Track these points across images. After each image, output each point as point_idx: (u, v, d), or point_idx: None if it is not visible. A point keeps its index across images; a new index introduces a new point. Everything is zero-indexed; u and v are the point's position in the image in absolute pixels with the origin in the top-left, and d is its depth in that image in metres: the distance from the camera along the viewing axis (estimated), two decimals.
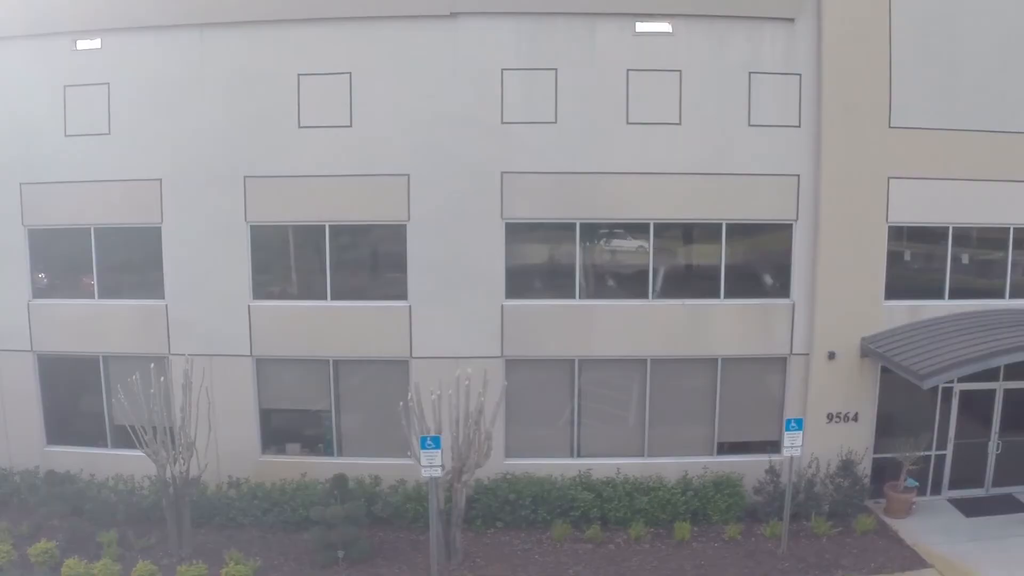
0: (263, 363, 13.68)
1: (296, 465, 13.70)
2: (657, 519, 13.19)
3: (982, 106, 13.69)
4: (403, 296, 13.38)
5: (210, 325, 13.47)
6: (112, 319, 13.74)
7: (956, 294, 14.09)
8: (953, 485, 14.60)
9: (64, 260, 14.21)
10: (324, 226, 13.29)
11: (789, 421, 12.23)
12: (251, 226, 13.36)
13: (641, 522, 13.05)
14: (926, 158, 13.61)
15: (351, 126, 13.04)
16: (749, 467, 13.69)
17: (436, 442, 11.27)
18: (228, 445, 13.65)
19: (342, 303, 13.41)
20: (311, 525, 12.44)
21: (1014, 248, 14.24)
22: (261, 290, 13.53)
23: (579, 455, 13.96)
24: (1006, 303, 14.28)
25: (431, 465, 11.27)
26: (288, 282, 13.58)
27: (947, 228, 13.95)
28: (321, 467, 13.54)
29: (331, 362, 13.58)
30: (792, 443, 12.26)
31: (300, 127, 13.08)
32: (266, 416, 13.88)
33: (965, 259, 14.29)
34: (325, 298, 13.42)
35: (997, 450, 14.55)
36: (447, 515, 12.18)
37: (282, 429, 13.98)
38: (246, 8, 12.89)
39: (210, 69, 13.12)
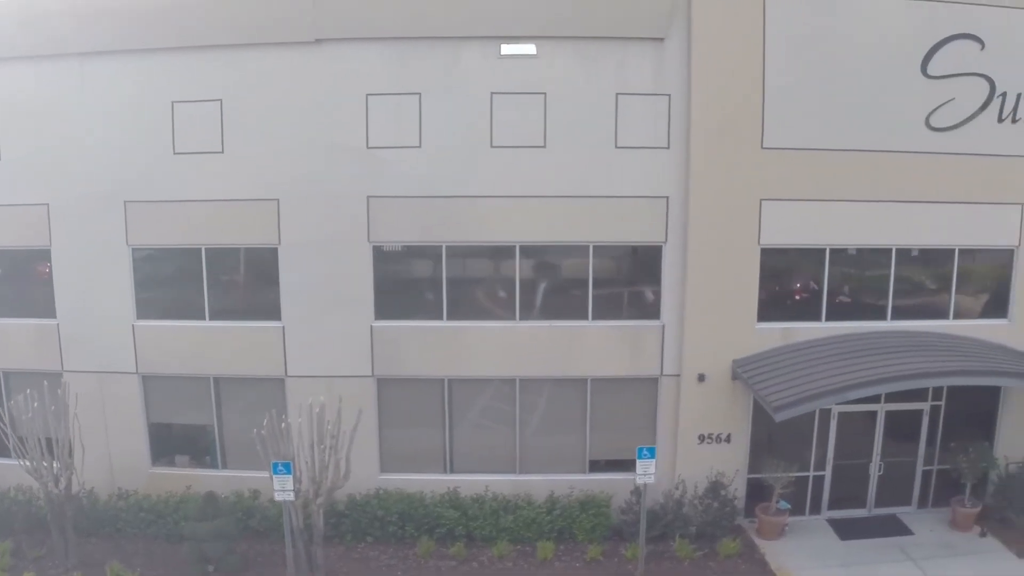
0: (149, 380, 14.23)
1: (184, 477, 14.29)
2: (523, 537, 13.48)
3: (860, 126, 13.45)
4: (277, 317, 13.76)
5: (99, 344, 14.03)
6: (9, 336, 14.39)
7: (834, 316, 13.95)
8: (833, 505, 14.58)
9: None
10: (200, 249, 13.69)
11: (641, 449, 12.30)
12: (132, 249, 13.81)
13: (505, 540, 13.36)
14: (801, 179, 13.43)
15: (223, 152, 13.35)
16: (622, 485, 13.84)
17: (287, 468, 11.69)
18: (121, 458, 14.34)
19: (220, 323, 13.85)
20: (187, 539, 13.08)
21: (896, 269, 14.05)
22: (145, 310, 14.02)
23: (452, 471, 14.29)
24: (888, 324, 14.10)
25: (283, 490, 11.73)
26: (170, 303, 14.03)
27: (824, 249, 13.79)
28: (207, 479, 14.12)
29: (211, 379, 14.07)
30: (645, 471, 12.36)
31: (175, 153, 13.43)
32: (155, 430, 14.46)
33: (843, 281, 14.12)
34: (204, 318, 13.88)
35: (879, 471, 14.46)
36: (309, 532, 12.64)
37: (171, 442, 14.56)
38: (122, 38, 13.17)
39: (91, 97, 13.50)
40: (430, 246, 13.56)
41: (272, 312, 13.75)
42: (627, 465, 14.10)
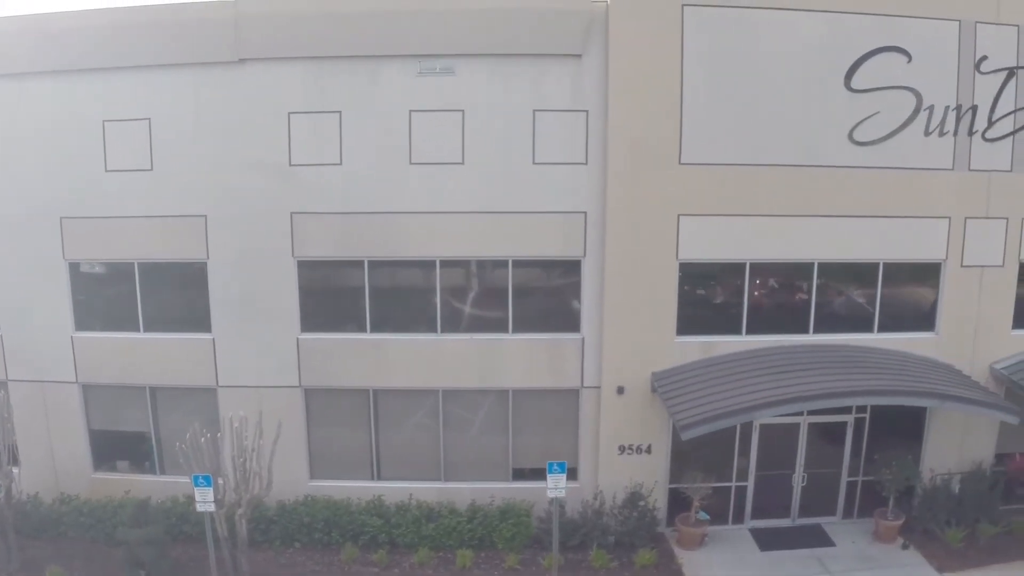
0: (89, 389, 14.72)
1: (125, 482, 14.80)
2: (445, 545, 13.82)
3: (782, 140, 13.48)
4: (208, 329, 14.15)
5: (41, 354, 14.54)
6: None
7: (755, 330, 14.05)
8: (757, 515, 14.75)
9: None
10: (133, 264, 14.10)
11: (551, 464, 12.49)
12: (69, 263, 14.25)
13: (427, 548, 13.70)
14: (720, 195, 13.51)
15: (152, 170, 13.71)
16: (545, 494, 14.01)
17: (207, 480, 12.12)
18: (64, 463, 14.90)
19: (153, 335, 14.28)
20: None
21: (819, 283, 14.08)
22: (83, 322, 14.49)
23: (380, 479, 14.66)
24: (810, 338, 14.17)
25: (204, 501, 12.17)
26: (106, 315, 14.46)
27: (744, 264, 13.86)
28: (146, 485, 14.66)
29: (148, 389, 14.53)
30: (556, 485, 12.56)
31: (107, 171, 13.80)
32: (96, 437, 14.97)
33: (764, 294, 14.19)
34: (138, 330, 14.31)
35: (803, 482, 14.58)
36: (234, 540, 13.08)
37: (112, 449, 15.07)
38: (55, 59, 13.52)
39: (27, 115, 13.87)
40: (353, 261, 13.85)
41: (203, 324, 14.15)
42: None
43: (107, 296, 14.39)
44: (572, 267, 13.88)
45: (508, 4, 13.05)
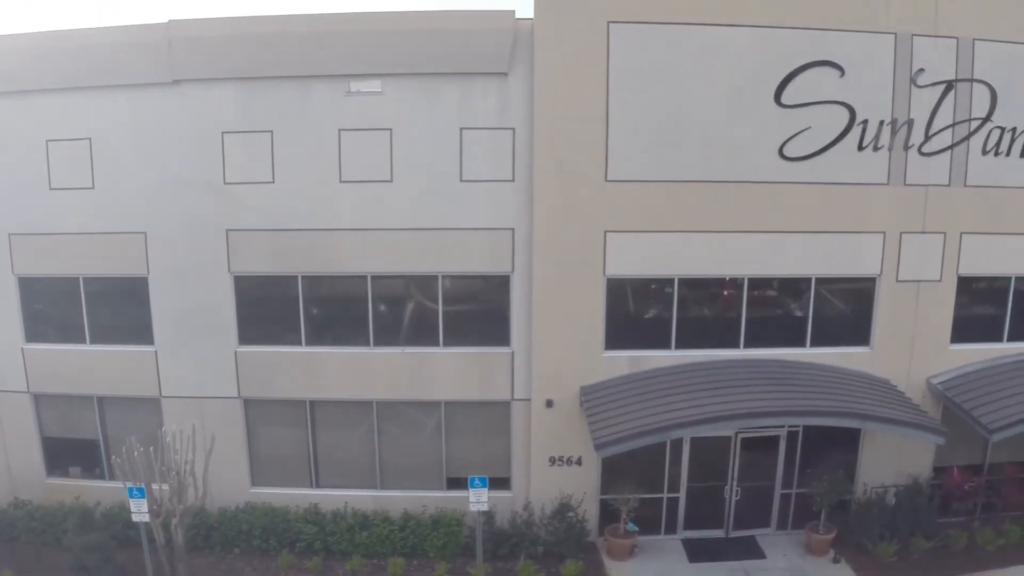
0: (40, 398, 15.24)
1: (77, 488, 15.32)
2: (378, 552, 14.16)
3: (709, 157, 13.51)
4: (150, 341, 14.57)
5: None
6: None
7: (685, 344, 14.15)
8: (690, 526, 14.89)
9: None
10: (79, 278, 14.53)
11: (472, 479, 12.75)
12: (18, 278, 14.71)
13: (360, 555, 14.05)
14: (648, 211, 13.59)
15: (94, 188, 14.08)
16: None
17: (141, 492, 12.55)
18: (18, 469, 15.47)
19: (99, 347, 14.73)
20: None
21: (750, 297, 14.11)
22: (33, 334, 14.97)
23: (318, 486, 15.03)
24: (740, 353, 14.24)
25: (139, 512, 12.60)
26: (55, 327, 14.93)
27: (672, 279, 13.92)
28: (96, 491, 15.17)
29: (95, 399, 15.01)
30: (478, 499, 12.82)
31: (51, 189, 14.20)
32: (48, 444, 15.51)
33: (694, 309, 14.24)
34: (85, 342, 14.77)
35: (736, 495, 14.66)
36: (171, 547, 13.52)
37: (64, 455, 15.59)
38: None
39: None
40: (287, 276, 14.15)
41: (146, 337, 14.56)
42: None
43: (55, 309, 14.85)
44: (501, 282, 14.07)
45: (434, 24, 13.19)
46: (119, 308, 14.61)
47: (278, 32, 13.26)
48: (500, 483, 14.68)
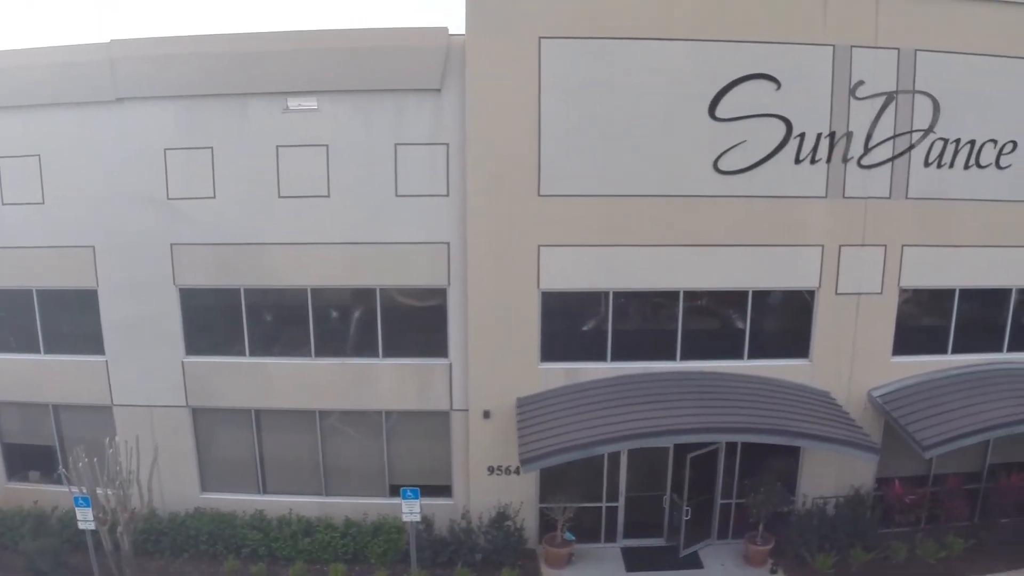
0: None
1: (36, 492, 15.81)
2: (320, 558, 14.49)
3: (643, 171, 13.57)
4: (101, 352, 14.94)
5: None
6: None
7: (621, 356, 14.27)
8: (630, 534, 15.04)
9: None
10: (32, 291, 14.94)
11: (404, 491, 13.07)
12: None
13: (303, 561, 14.38)
14: (581, 225, 13.68)
15: (44, 203, 14.43)
16: (425, 510, 14.60)
17: (86, 501, 12.99)
18: None
19: (53, 357, 15.13)
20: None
21: (685, 310, 14.16)
22: None
23: (265, 492, 15.39)
24: (677, 365, 14.33)
25: (84, 520, 13.05)
26: (11, 338, 15.35)
27: (608, 292, 14.02)
28: (55, 495, 15.57)
29: (51, 407, 15.46)
30: (411, 510, 13.12)
31: (4, 203, 14.59)
32: (8, 449, 15.99)
33: (630, 322, 14.33)
34: (39, 352, 15.18)
35: (686, 516, 14.58)
36: (119, 553, 13.95)
37: (24, 461, 16.08)
38: None
39: None
40: (230, 289, 14.44)
41: (97, 347, 14.94)
42: (426, 491, 14.88)
43: (10, 320, 15.27)
44: (438, 295, 14.26)
45: (369, 42, 13.34)
46: (71, 319, 15.00)
47: (216, 51, 13.48)
48: (442, 491, 14.99)
